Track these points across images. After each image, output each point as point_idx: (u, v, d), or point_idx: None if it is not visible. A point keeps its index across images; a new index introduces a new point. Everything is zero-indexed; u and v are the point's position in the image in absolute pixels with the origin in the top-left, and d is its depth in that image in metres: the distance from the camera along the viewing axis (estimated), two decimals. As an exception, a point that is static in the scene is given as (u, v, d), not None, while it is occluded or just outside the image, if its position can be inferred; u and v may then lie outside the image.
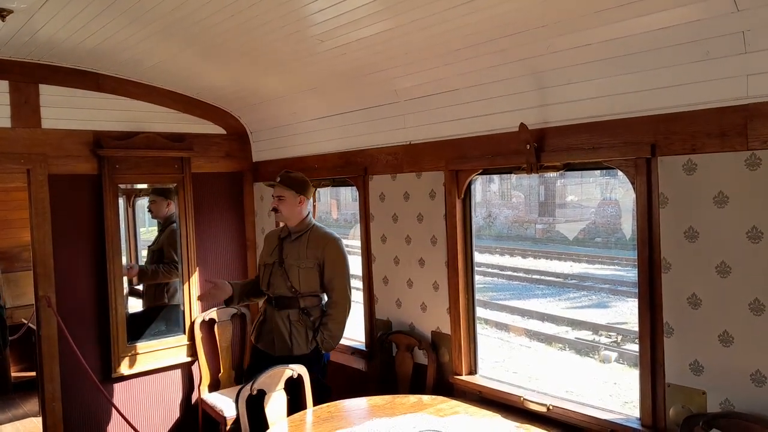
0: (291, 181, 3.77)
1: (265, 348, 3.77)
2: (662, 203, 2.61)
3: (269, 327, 3.76)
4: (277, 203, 3.76)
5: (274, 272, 3.78)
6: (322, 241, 3.75)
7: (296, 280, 3.70)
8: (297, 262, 3.72)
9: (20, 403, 5.94)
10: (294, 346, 3.65)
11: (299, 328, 3.67)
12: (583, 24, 2.54)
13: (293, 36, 3.14)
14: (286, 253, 3.77)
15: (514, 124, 3.02)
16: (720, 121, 2.38)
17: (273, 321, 3.74)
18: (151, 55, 3.75)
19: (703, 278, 2.49)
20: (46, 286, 4.08)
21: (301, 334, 3.67)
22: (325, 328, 3.68)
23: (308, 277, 3.70)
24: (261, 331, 3.83)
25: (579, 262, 16.57)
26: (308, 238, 3.77)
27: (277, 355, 3.67)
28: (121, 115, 4.38)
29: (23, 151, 4.01)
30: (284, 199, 3.75)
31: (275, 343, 3.71)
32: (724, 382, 2.46)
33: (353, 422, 3.10)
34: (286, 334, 3.67)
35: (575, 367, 8.59)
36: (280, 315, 3.71)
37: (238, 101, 4.64)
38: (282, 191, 3.75)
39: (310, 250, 3.73)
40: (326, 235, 3.80)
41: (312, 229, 3.81)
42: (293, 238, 3.79)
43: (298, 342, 3.66)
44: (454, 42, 2.93)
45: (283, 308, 3.72)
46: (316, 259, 3.72)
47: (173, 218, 4.80)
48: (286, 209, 3.76)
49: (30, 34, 3.38)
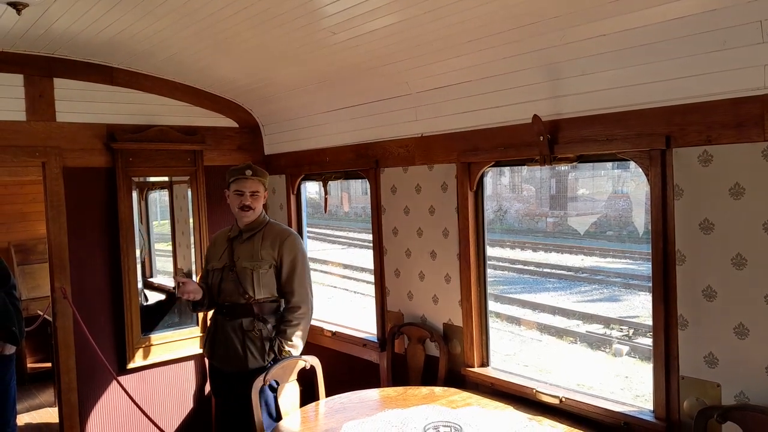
0: (263, 174, 3.46)
1: (219, 364, 3.39)
2: (677, 195, 2.59)
3: (221, 339, 3.38)
4: (251, 200, 3.38)
5: (224, 278, 3.39)
6: (279, 238, 3.41)
7: (250, 285, 3.32)
8: (250, 264, 3.35)
9: (36, 393, 6.03)
10: (249, 360, 3.28)
11: (254, 339, 3.30)
12: (597, 14, 2.52)
13: (305, 28, 3.13)
14: (238, 255, 3.40)
15: (527, 115, 3.00)
16: (736, 112, 2.36)
17: (224, 333, 3.35)
18: (164, 48, 3.76)
19: (718, 270, 2.48)
20: (62, 278, 4.13)
21: (257, 345, 3.29)
22: (282, 336, 3.31)
23: (264, 281, 3.34)
24: (213, 345, 3.44)
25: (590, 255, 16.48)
26: (262, 236, 3.42)
27: (229, 372, 3.33)
28: (134, 109, 4.41)
29: (38, 144, 4.05)
30: (259, 195, 3.43)
31: (228, 358, 3.33)
32: (739, 375, 2.44)
33: (366, 413, 3.11)
34: (239, 347, 3.29)
35: (587, 361, 8.56)
36: (231, 325, 3.34)
37: (249, 94, 4.65)
38: (257, 186, 3.42)
39: (265, 249, 3.38)
40: (283, 231, 3.47)
41: (267, 225, 3.47)
42: (245, 237, 3.43)
43: (253, 354, 3.29)
44: (466, 33, 2.92)
45: (234, 317, 3.34)
46: (273, 259, 3.37)
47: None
48: (259, 206, 3.44)
49: (45, 27, 3.40)
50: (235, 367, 3.31)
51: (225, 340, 3.36)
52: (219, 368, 3.41)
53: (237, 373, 3.30)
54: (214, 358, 3.45)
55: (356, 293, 13.24)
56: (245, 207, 3.38)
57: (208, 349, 3.49)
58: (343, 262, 16.66)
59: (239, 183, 3.40)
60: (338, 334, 4.51)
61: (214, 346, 3.44)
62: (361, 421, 2.99)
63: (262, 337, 3.31)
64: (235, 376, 3.29)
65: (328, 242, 21.04)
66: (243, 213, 3.41)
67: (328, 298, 12.75)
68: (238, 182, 3.40)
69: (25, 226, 6.65)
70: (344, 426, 2.96)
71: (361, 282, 13.84)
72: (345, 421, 3.02)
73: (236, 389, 3.26)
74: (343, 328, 4.55)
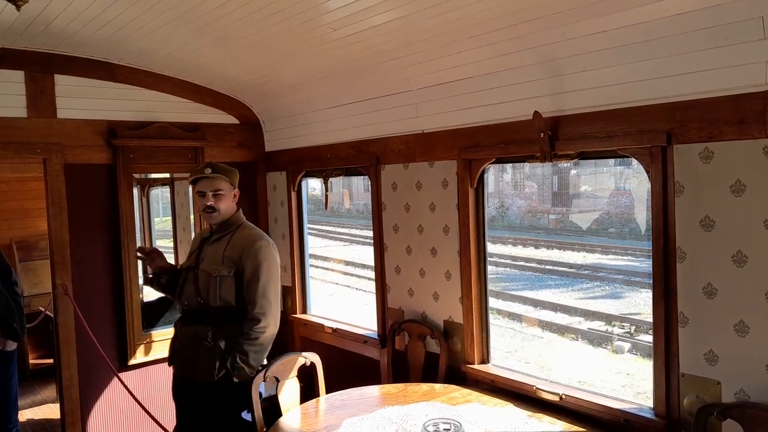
0: (226, 171, 3.22)
1: (176, 370, 3.19)
2: (678, 192, 2.58)
3: (179, 346, 3.18)
4: (214, 200, 3.14)
5: (187, 279, 3.18)
6: (244, 242, 3.14)
7: (205, 290, 3.07)
8: (210, 268, 3.10)
9: (38, 389, 6.05)
10: (198, 372, 3.03)
11: (206, 350, 3.03)
12: (598, 10, 2.51)
13: (305, 24, 3.13)
14: (203, 258, 3.18)
15: (527, 112, 2.99)
16: (738, 109, 2.35)
17: (182, 339, 3.14)
18: (165, 45, 3.76)
19: (719, 267, 2.47)
20: (63, 275, 4.14)
21: (209, 356, 3.02)
22: (238, 350, 2.99)
23: (220, 287, 3.06)
24: (173, 351, 3.25)
25: (592, 252, 16.47)
26: (230, 239, 3.16)
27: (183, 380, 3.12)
28: (135, 105, 4.41)
29: (39, 140, 4.05)
30: (222, 194, 3.16)
31: (183, 365, 3.13)
32: (739, 372, 2.44)
33: (366, 410, 3.11)
34: (190, 356, 3.07)
35: (588, 358, 8.57)
36: (186, 331, 3.13)
37: (250, 90, 4.65)
38: (220, 183, 3.16)
39: (228, 253, 3.11)
40: (251, 236, 3.18)
41: (239, 228, 3.22)
42: (214, 238, 3.20)
43: (202, 367, 3.02)
44: (467, 30, 2.91)
45: (189, 323, 3.14)
46: (234, 265, 3.09)
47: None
48: (225, 205, 3.18)
49: (45, 24, 3.40)
50: (187, 376, 3.12)
51: (182, 346, 3.16)
52: (176, 375, 3.24)
53: (188, 383, 3.12)
54: (175, 367, 3.26)
55: (358, 290, 13.25)
56: (208, 208, 3.14)
57: (170, 355, 3.29)
58: (345, 259, 16.67)
59: (200, 183, 3.17)
60: (339, 330, 4.51)
61: (174, 352, 3.26)
62: (361, 418, 3.00)
63: (214, 350, 3.03)
64: (189, 385, 3.12)
65: (329, 239, 21.06)
66: (207, 215, 3.18)
67: (330, 295, 12.77)
68: (200, 183, 3.17)
69: (26, 223, 6.66)
70: (344, 422, 2.96)
71: (362, 279, 13.85)
72: (345, 417, 3.03)
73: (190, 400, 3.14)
74: (343, 325, 4.56)
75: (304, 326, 4.84)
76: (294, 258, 4.91)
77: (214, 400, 3.06)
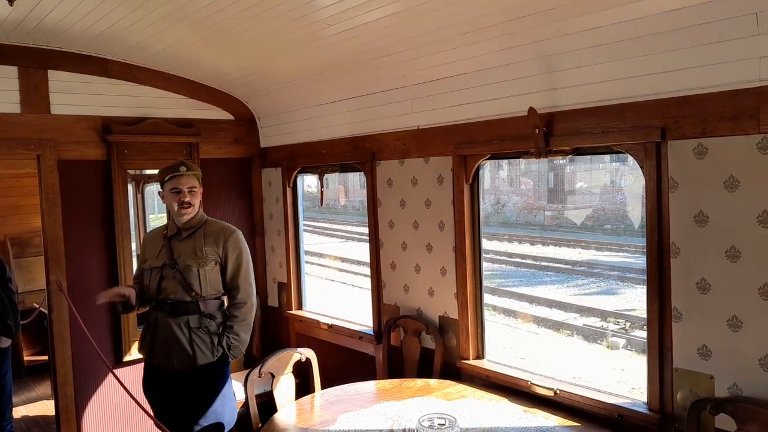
0: (196, 169, 3.38)
1: (161, 363, 3.28)
2: (672, 187, 2.59)
3: (162, 338, 3.27)
4: (190, 197, 3.28)
5: (165, 275, 3.28)
6: (222, 235, 3.34)
7: (196, 282, 3.24)
8: (195, 261, 3.26)
9: (33, 386, 6.03)
10: (197, 356, 3.20)
11: (201, 335, 3.22)
12: (593, 6, 2.51)
13: (300, 20, 3.12)
14: (178, 253, 3.29)
15: (522, 108, 3.00)
16: (732, 104, 2.36)
17: (167, 331, 3.25)
18: (159, 41, 3.75)
19: (712, 263, 2.48)
20: (57, 271, 4.12)
21: (205, 341, 3.22)
22: (230, 331, 3.26)
23: (210, 278, 3.27)
24: (153, 344, 3.31)
25: (587, 248, 16.52)
26: (204, 234, 3.33)
27: (177, 370, 3.22)
28: (129, 101, 4.39)
29: (33, 136, 4.03)
30: (196, 190, 3.31)
31: (173, 356, 3.23)
32: (732, 367, 2.45)
33: (361, 405, 3.12)
34: (186, 344, 3.20)
35: (583, 354, 8.60)
36: (176, 323, 3.23)
37: (245, 87, 4.64)
38: (193, 181, 3.30)
39: (209, 246, 3.29)
40: (225, 228, 3.38)
41: (207, 222, 3.39)
42: (184, 236, 3.32)
43: (202, 350, 3.21)
44: (462, 25, 2.91)
45: (179, 315, 3.24)
46: (217, 256, 3.30)
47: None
48: (197, 202, 3.33)
49: (38, 19, 3.38)
50: (182, 364, 3.22)
51: (168, 338, 3.25)
52: (160, 367, 3.30)
53: (183, 370, 3.22)
54: (153, 359, 3.33)
55: (353, 286, 13.25)
56: (185, 204, 3.26)
57: (147, 348, 3.35)
58: (341, 255, 16.67)
59: (175, 180, 3.27)
60: (334, 326, 4.51)
61: (154, 345, 3.31)
62: (356, 413, 3.00)
63: (210, 333, 3.24)
64: (182, 373, 3.22)
65: (325, 235, 21.05)
66: (183, 210, 3.28)
67: (325, 291, 12.77)
68: (174, 180, 3.28)
69: (20, 219, 6.63)
70: (339, 418, 2.97)
71: (358, 275, 13.85)
72: (340, 413, 3.03)
73: (184, 386, 3.22)
74: (339, 321, 4.56)
75: (300, 322, 4.84)
76: (289, 254, 4.91)
77: (202, 380, 3.23)
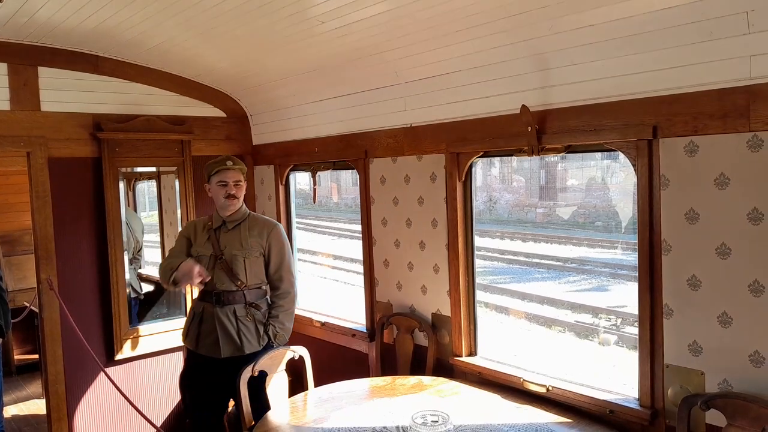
0: (242, 164, 3.58)
1: (209, 353, 3.43)
2: (663, 185, 2.61)
3: (209, 328, 3.43)
4: (236, 190, 3.50)
5: (214, 266, 3.46)
6: (266, 228, 3.55)
7: (242, 272, 3.44)
8: (241, 252, 3.46)
9: (24, 385, 6.00)
10: (245, 345, 3.39)
11: (248, 324, 3.42)
12: (585, 4, 2.52)
13: (293, 17, 3.11)
14: (224, 244, 3.48)
15: (515, 106, 3.00)
16: (722, 103, 2.37)
17: (215, 320, 3.42)
18: (150, 37, 3.72)
19: (703, 260, 2.50)
20: (48, 269, 4.09)
21: (251, 330, 3.42)
22: (275, 320, 3.47)
23: (255, 268, 3.48)
24: (199, 334, 3.47)
25: (579, 245, 16.59)
26: (248, 226, 3.54)
27: (224, 357, 3.39)
28: (120, 98, 4.36)
29: (23, 134, 3.99)
30: (241, 184, 3.54)
31: (221, 344, 3.39)
32: (722, 363, 2.48)
33: (354, 403, 3.12)
34: (234, 333, 3.40)
35: (575, 350, 8.64)
36: (224, 312, 3.41)
37: (237, 84, 4.62)
38: (238, 175, 3.53)
39: (253, 238, 3.50)
40: (268, 222, 3.61)
41: (249, 216, 3.60)
42: (230, 227, 3.53)
43: (249, 339, 3.41)
44: (455, 23, 2.91)
45: (226, 304, 3.43)
46: (261, 248, 3.50)
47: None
48: (242, 195, 3.56)
49: (28, 15, 3.35)
50: (229, 353, 3.39)
51: (215, 328, 3.41)
52: (208, 356, 3.43)
53: (230, 358, 3.38)
54: (200, 348, 3.46)
55: (346, 284, 13.24)
56: (231, 196, 3.48)
57: (193, 339, 3.49)
58: (333, 253, 16.65)
59: (222, 174, 3.49)
60: (327, 324, 4.51)
61: (200, 334, 3.46)
62: (349, 411, 3.01)
63: (255, 322, 3.44)
64: (228, 361, 3.38)
65: (318, 233, 21.01)
66: (229, 202, 3.50)
67: (318, 289, 12.75)
68: (221, 173, 3.49)
69: (10, 217, 6.58)
70: (332, 415, 2.97)
71: (351, 273, 13.84)
72: (333, 410, 3.04)
73: (230, 374, 3.31)
74: (332, 319, 4.56)
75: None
76: (282, 252, 4.89)
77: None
